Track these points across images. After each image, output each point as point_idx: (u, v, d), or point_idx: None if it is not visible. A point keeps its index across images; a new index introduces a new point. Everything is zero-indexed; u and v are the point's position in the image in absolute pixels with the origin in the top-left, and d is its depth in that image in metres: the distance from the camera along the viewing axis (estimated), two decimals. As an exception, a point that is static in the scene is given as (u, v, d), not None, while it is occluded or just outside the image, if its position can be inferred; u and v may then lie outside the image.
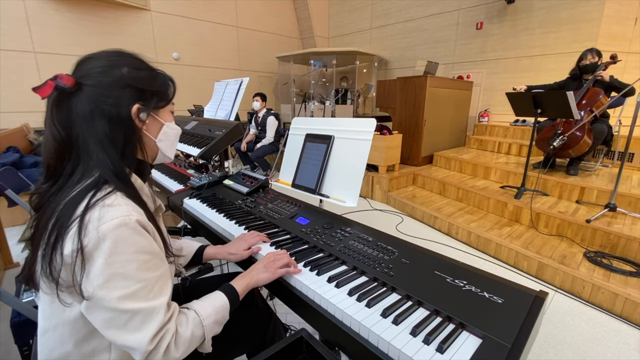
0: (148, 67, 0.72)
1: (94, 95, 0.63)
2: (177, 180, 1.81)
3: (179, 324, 0.65)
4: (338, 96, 6.16)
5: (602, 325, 1.77)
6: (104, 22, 5.02)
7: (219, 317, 0.73)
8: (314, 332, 0.81)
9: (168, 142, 0.78)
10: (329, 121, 1.38)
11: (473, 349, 0.59)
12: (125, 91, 0.66)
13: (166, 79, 0.75)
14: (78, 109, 0.62)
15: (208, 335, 0.69)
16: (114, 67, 0.66)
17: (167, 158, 0.80)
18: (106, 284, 0.57)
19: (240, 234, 1.06)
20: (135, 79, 0.67)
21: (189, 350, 0.66)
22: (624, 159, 2.42)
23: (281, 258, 0.87)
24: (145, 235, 0.62)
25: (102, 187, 0.61)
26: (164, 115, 0.76)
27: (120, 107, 0.65)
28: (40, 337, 0.65)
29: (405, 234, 2.90)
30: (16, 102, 4.40)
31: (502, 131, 4.71)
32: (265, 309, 1.04)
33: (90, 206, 0.58)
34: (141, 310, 0.59)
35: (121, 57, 0.69)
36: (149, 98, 0.70)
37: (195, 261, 1.04)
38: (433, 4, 5.65)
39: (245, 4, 6.62)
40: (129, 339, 0.58)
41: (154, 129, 0.74)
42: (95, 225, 0.56)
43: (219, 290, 0.78)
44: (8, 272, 2.22)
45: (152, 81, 0.71)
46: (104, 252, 0.56)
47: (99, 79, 0.64)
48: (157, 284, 0.62)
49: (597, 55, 2.96)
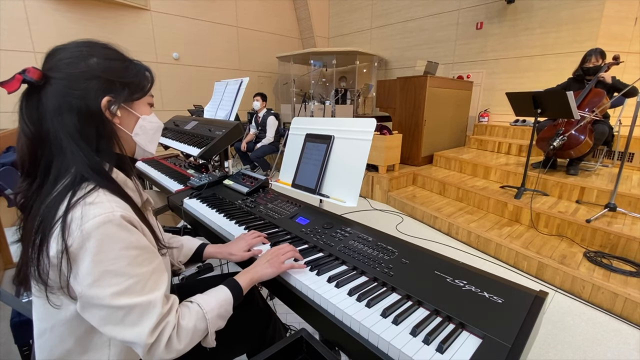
0: (121, 57, 0.69)
1: (62, 88, 0.60)
2: (177, 180, 1.81)
3: (181, 317, 0.64)
4: (338, 96, 6.16)
5: (602, 325, 1.77)
6: (103, 22, 5.01)
7: (222, 311, 0.72)
8: (314, 332, 0.81)
9: (146, 137, 0.74)
10: (329, 121, 1.38)
11: (473, 349, 0.59)
12: (93, 83, 0.62)
13: (141, 69, 0.72)
14: (47, 103, 0.60)
15: (211, 329, 0.69)
16: (82, 58, 0.63)
17: (147, 153, 0.77)
18: (97, 282, 0.56)
19: (240, 234, 1.06)
20: (104, 70, 0.64)
21: (192, 343, 0.65)
22: (624, 159, 2.42)
23: (285, 252, 0.87)
24: (132, 231, 0.60)
25: (81, 185, 0.60)
26: (140, 107, 0.72)
27: (89, 100, 0.62)
28: (38, 339, 0.65)
29: (405, 234, 2.90)
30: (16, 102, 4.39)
31: (502, 131, 4.71)
32: (265, 309, 1.04)
33: (71, 206, 0.57)
34: (137, 305, 0.58)
35: (91, 47, 0.65)
36: (119, 90, 0.66)
37: (195, 259, 1.04)
38: (433, 4, 5.65)
39: (245, 4, 6.62)
40: (127, 333, 0.58)
41: (129, 123, 0.71)
42: (78, 225, 0.55)
43: (223, 284, 0.77)
44: (8, 272, 2.22)
45: (123, 72, 0.67)
46: (90, 251, 0.55)
47: (67, 70, 0.61)
48: (151, 278, 0.61)
49: (601, 57, 2.94)
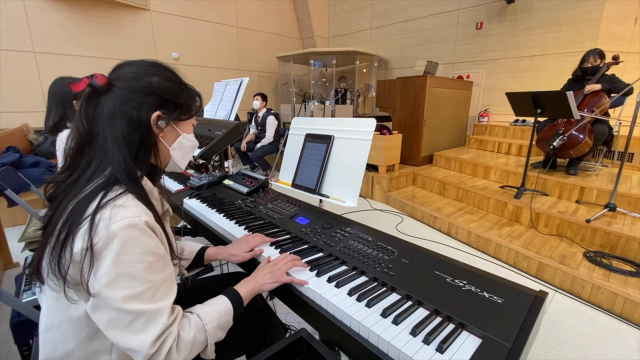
0: (178, 80, 0.76)
1: (121, 97, 0.67)
2: (177, 180, 1.81)
3: (181, 328, 0.65)
4: (338, 96, 6.16)
5: (602, 325, 1.77)
6: (103, 22, 5.01)
7: (222, 322, 0.72)
8: (313, 332, 0.81)
9: (182, 152, 0.80)
10: (328, 121, 1.38)
11: (473, 348, 0.60)
12: (149, 98, 0.69)
13: (194, 94, 0.79)
14: (104, 107, 0.66)
15: (211, 341, 0.69)
16: (145, 75, 0.70)
17: (177, 167, 0.82)
18: (112, 283, 0.57)
19: (242, 236, 1.06)
20: (162, 88, 0.71)
21: (191, 355, 0.66)
22: (624, 159, 2.42)
23: (287, 262, 0.87)
24: (152, 237, 0.63)
25: (113, 187, 0.63)
26: (184, 127, 0.79)
27: (141, 112, 0.68)
28: (43, 334, 0.65)
29: (405, 234, 2.90)
30: (16, 102, 4.40)
31: (502, 131, 4.71)
32: (265, 309, 1.04)
33: (101, 206, 0.60)
34: (145, 312, 0.59)
35: (154, 67, 0.73)
36: (171, 108, 0.73)
37: (196, 262, 1.04)
38: (433, 4, 5.64)
39: (245, 4, 6.62)
40: (131, 340, 0.58)
41: (170, 138, 0.77)
42: (105, 225, 0.57)
43: (223, 294, 0.78)
44: (8, 272, 2.22)
45: (178, 93, 0.74)
46: (112, 251, 0.57)
47: (129, 83, 0.68)
48: (162, 286, 0.63)
49: (599, 57, 2.94)
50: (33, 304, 1.03)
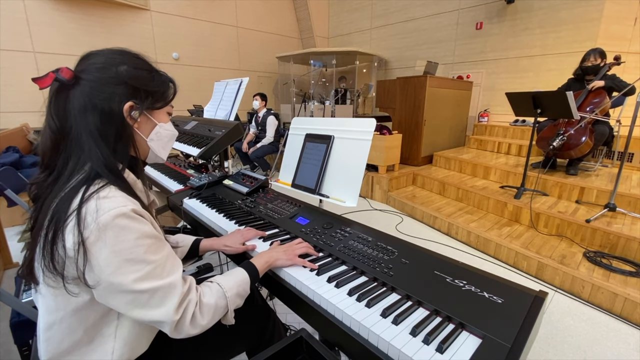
0: (149, 67, 0.73)
1: (90, 90, 0.64)
2: (177, 180, 1.81)
3: (202, 295, 0.69)
4: (338, 96, 6.16)
5: (602, 325, 1.77)
6: (103, 22, 5.01)
7: (241, 290, 0.77)
8: (313, 332, 0.81)
9: (160, 143, 0.78)
10: (328, 121, 1.38)
11: (473, 349, 0.59)
12: (119, 88, 0.66)
13: (166, 80, 0.76)
14: (74, 101, 0.64)
15: (231, 307, 0.74)
16: (112, 65, 0.67)
17: (158, 158, 0.81)
18: (118, 270, 0.59)
19: (236, 228, 1.08)
20: (132, 77, 0.68)
21: (214, 319, 0.70)
22: (624, 159, 2.42)
23: (301, 247, 0.93)
24: (143, 222, 0.63)
25: (94, 181, 0.62)
26: (159, 116, 0.77)
27: (112, 103, 0.66)
28: (45, 332, 0.65)
29: (405, 234, 2.90)
30: (16, 102, 4.40)
31: (501, 131, 4.71)
32: (264, 306, 1.05)
33: (85, 199, 0.59)
34: (160, 288, 0.62)
35: (122, 56, 0.70)
36: (143, 97, 0.70)
37: (191, 254, 1.05)
38: (433, 4, 5.65)
39: (245, 4, 6.62)
40: (154, 314, 0.62)
41: (146, 128, 0.75)
42: (93, 217, 0.57)
43: (240, 266, 0.82)
44: (8, 272, 2.22)
45: (149, 81, 0.71)
46: (107, 243, 0.58)
47: (96, 74, 0.65)
48: (167, 263, 0.65)
49: (600, 56, 2.94)
50: (32, 303, 1.03)
